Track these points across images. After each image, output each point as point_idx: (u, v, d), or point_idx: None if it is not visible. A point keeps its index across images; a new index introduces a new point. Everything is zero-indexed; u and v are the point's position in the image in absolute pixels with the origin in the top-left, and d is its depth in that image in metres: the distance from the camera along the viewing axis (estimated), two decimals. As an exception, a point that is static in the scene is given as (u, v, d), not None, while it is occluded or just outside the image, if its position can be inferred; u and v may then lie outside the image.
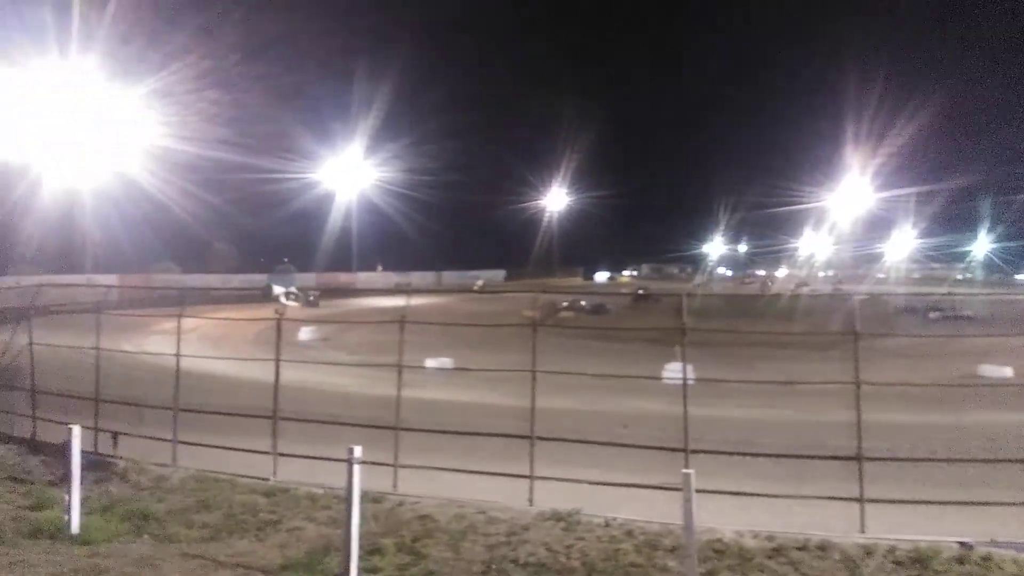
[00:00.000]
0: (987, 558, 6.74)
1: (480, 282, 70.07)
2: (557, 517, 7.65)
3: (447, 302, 43.76)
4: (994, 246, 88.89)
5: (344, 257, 65.02)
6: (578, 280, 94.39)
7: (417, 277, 71.47)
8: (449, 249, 78.98)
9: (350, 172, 61.46)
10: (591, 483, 8.14)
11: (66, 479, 7.22)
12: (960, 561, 6.67)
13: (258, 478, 9.04)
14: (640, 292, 44.29)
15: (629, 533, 7.28)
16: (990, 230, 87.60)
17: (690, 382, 15.34)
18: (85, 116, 32.00)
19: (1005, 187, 78.62)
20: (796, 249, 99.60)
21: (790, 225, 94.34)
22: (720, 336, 21.16)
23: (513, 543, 7.04)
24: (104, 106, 32.27)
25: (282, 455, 9.35)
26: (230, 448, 9.65)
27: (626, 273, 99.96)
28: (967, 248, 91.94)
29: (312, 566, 6.39)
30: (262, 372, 10.55)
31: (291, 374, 10.84)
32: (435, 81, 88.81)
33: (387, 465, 8.69)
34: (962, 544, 6.96)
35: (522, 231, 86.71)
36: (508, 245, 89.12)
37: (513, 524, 7.50)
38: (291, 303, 35.52)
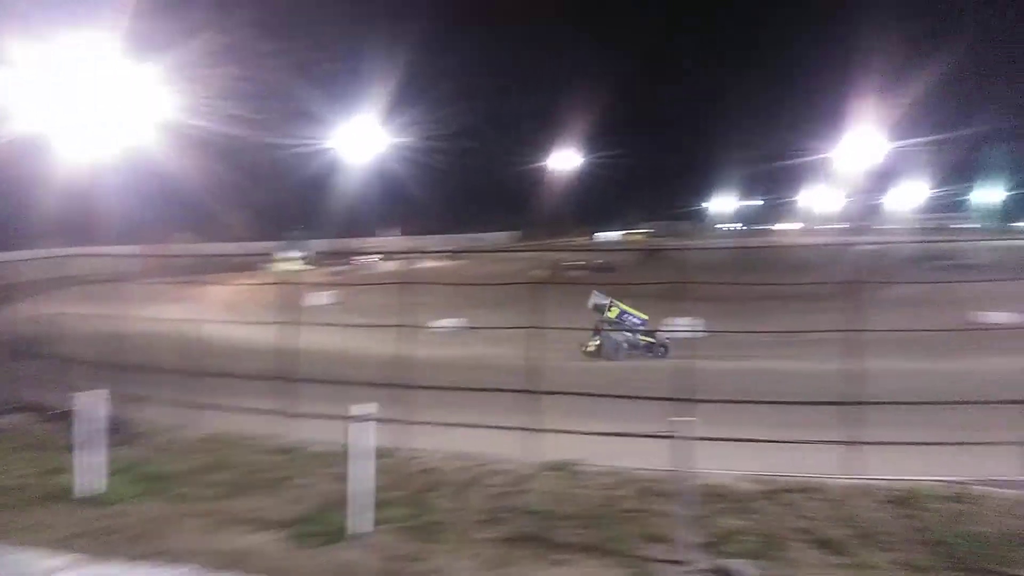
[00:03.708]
0: (975, 495, 6.99)
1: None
2: (560, 467, 7.96)
3: (461, 264, 44.05)
4: (1006, 194, 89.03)
5: (361, 222, 65.46)
6: (586, 239, 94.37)
7: (430, 240, 71.85)
8: (465, 212, 79.16)
9: (366, 138, 61.52)
10: (594, 434, 8.38)
11: (86, 444, 7.56)
12: (947, 499, 6.91)
13: (273, 437, 9.39)
14: (653, 248, 44.33)
15: (628, 481, 7.58)
16: (999, 179, 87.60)
17: (700, 335, 15.69)
18: (102, 89, 32.17)
19: (1007, 136, 78.14)
20: (806, 202, 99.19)
21: (803, 179, 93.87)
22: (728, 289, 21.39)
23: (515, 492, 7.36)
24: (120, 79, 32.40)
25: (297, 415, 9.68)
26: (247, 409, 9.98)
27: (638, 231, 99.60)
28: (975, 197, 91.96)
29: (323, 519, 6.73)
30: (278, 336, 10.88)
31: (307, 337, 11.14)
32: (449, 45, 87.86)
33: (396, 422, 8.98)
34: (951, 483, 7.21)
35: (536, 192, 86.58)
36: (523, 206, 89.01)
37: (516, 475, 7.82)
38: (303, 267, 35.92)
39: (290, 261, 36.37)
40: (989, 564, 5.66)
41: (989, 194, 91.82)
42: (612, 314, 17.64)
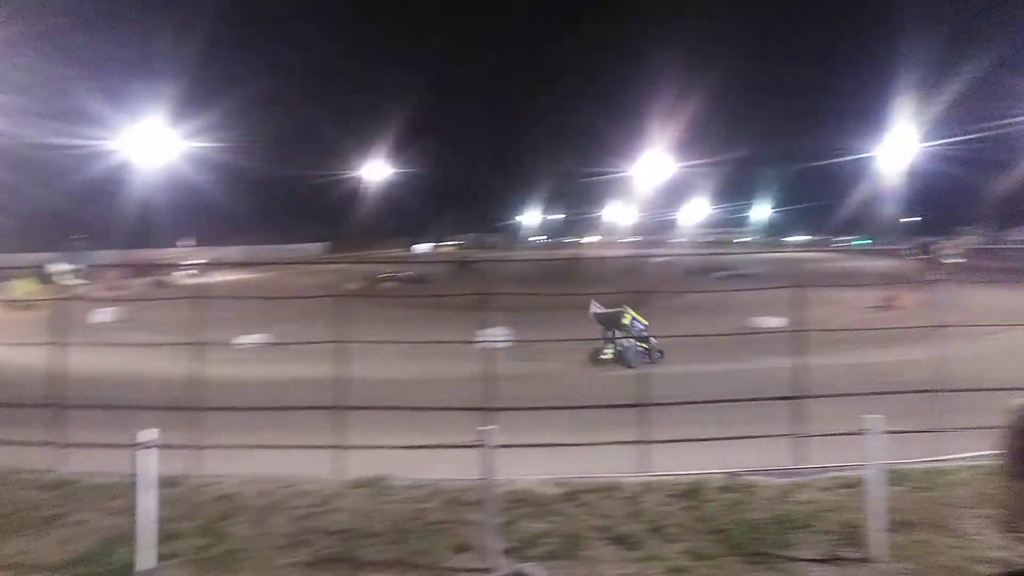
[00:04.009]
0: (749, 485, 7.69)
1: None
2: (366, 484, 7.79)
3: (267, 276, 42.10)
4: (771, 212, 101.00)
5: (149, 232, 60.51)
6: (399, 251, 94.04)
7: (232, 251, 67.97)
8: (268, 222, 75.73)
9: (159, 142, 56.86)
10: (398, 448, 8.32)
11: None
12: (726, 489, 7.55)
13: (38, 471, 8.39)
14: (463, 261, 44.86)
15: (436, 492, 7.58)
16: (767, 197, 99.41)
17: (507, 344, 16.09)
18: None
19: (776, 160, 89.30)
20: (605, 217, 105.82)
21: (600, 194, 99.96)
22: (538, 299, 22.12)
23: (320, 513, 7.10)
24: None
25: (69, 446, 8.73)
26: (11, 442, 8.85)
27: (449, 243, 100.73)
28: (748, 214, 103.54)
29: (100, 559, 6.10)
30: (49, 359, 9.72)
31: (85, 359, 10.10)
32: (251, 49, 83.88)
33: (186, 447, 8.38)
34: (728, 474, 7.88)
35: (345, 202, 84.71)
36: (331, 216, 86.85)
37: (321, 495, 7.55)
38: (75, 282, 32.35)
39: (58, 276, 32.36)
40: (764, 548, 6.22)
41: (763, 211, 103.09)
42: (626, 321, 17.75)
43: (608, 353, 17.54)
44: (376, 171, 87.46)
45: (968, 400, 8.63)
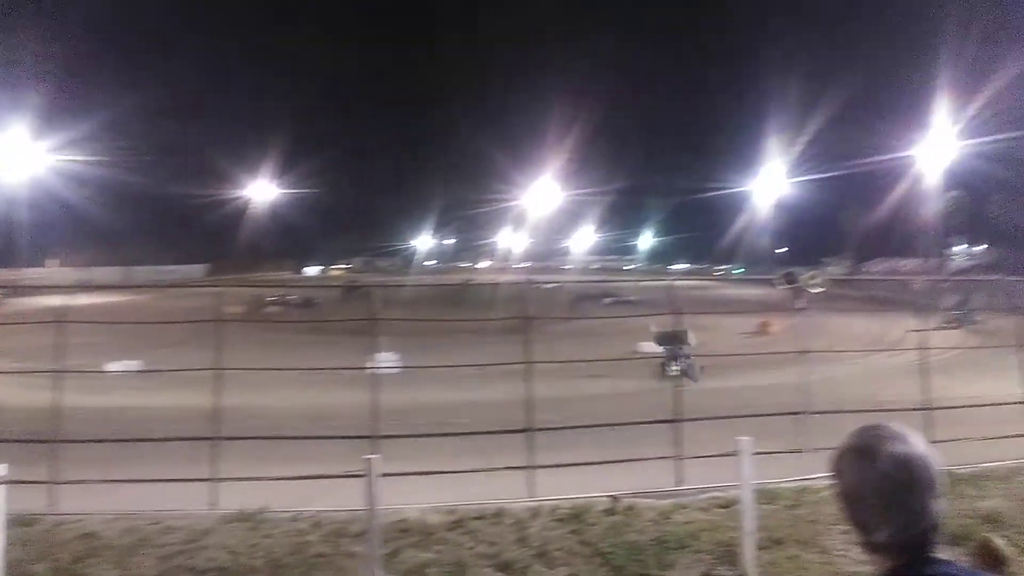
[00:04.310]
0: (631, 507, 7.86)
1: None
2: (242, 518, 7.43)
3: (142, 300, 39.88)
4: (655, 240, 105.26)
5: (11, 252, 56.24)
6: (287, 274, 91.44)
7: (105, 272, 64.03)
8: (145, 242, 71.89)
9: (17, 154, 52.93)
10: (277, 479, 8.01)
11: None
12: (609, 512, 7.69)
13: None
14: (351, 284, 44.10)
15: (317, 524, 7.32)
16: (652, 226, 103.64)
17: (396, 370, 15.88)
18: None
19: (659, 191, 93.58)
20: (496, 243, 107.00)
21: (491, 221, 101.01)
22: (428, 324, 21.99)
23: (191, 551, 6.70)
24: None
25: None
26: None
27: (338, 267, 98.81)
28: (634, 242, 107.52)
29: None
30: None
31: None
32: (131, 59, 79.93)
33: (42, 483, 7.77)
34: (611, 497, 8.03)
35: (229, 222, 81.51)
36: (213, 237, 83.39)
37: (193, 531, 7.13)
38: None
39: None
40: (645, 569, 6.35)
41: (648, 240, 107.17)
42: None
43: (675, 369, 17.79)
44: (263, 191, 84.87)
45: (831, 421, 9.18)
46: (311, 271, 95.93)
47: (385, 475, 6.17)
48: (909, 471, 1.55)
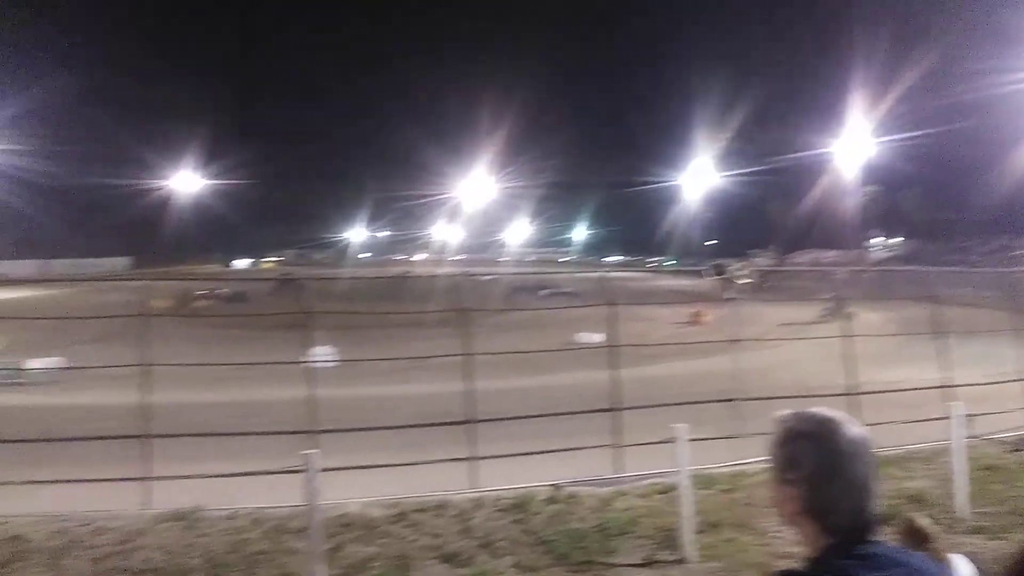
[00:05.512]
0: (573, 495, 7.98)
1: None
2: (177, 517, 7.24)
3: (63, 294, 38.22)
4: (589, 232, 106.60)
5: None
6: (216, 267, 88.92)
7: (22, 265, 61.11)
8: (63, 234, 68.72)
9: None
10: (214, 476, 7.85)
11: None
12: (551, 501, 7.79)
13: None
14: (284, 277, 43.21)
15: (256, 522, 7.19)
16: (586, 219, 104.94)
17: (332, 364, 15.66)
18: None
19: (592, 184, 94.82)
20: (431, 236, 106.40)
21: (426, 213, 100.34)
22: (364, 318, 21.73)
23: (125, 552, 6.50)
24: None
25: None
26: None
27: (270, 259, 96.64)
28: (569, 235, 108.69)
29: None
30: None
31: None
32: (48, 45, 76.07)
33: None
34: (553, 486, 8.14)
35: (153, 214, 78.57)
36: (134, 230, 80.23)
37: (126, 531, 6.92)
38: None
39: None
40: (588, 556, 6.46)
41: (582, 232, 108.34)
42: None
43: None
44: (188, 181, 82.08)
45: (761, 406, 9.50)
46: (241, 264, 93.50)
47: (325, 470, 6.09)
48: (866, 452, 1.63)
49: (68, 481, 7.70)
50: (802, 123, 57.95)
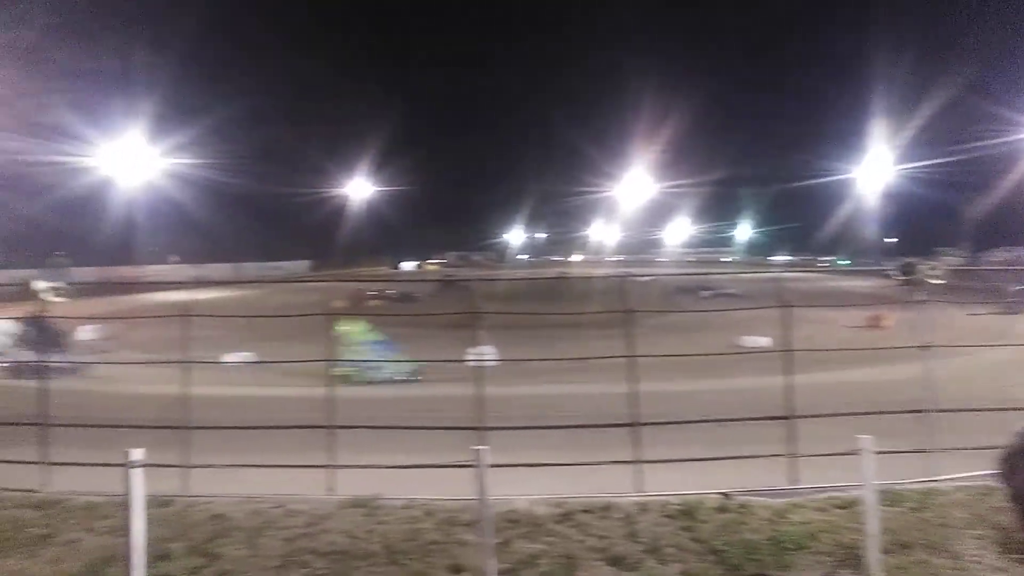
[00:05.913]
0: (744, 505, 7.68)
1: None
2: (358, 504, 7.70)
3: (251, 295, 41.84)
4: (753, 232, 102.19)
5: (131, 249, 60.24)
6: (385, 269, 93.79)
7: (217, 269, 67.65)
8: (250, 240, 75.40)
9: (136, 158, 56.42)
10: (392, 467, 8.24)
11: None
12: (722, 509, 7.54)
13: (26, 491, 8.24)
14: (448, 279, 44.79)
15: (429, 512, 7.50)
16: (750, 217, 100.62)
17: (494, 363, 16.06)
18: None
19: (757, 181, 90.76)
20: (588, 237, 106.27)
21: (583, 214, 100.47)
22: (524, 318, 22.11)
23: (313, 533, 7.01)
24: None
25: (55, 464, 8.59)
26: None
27: (433, 261, 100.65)
28: (732, 234, 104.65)
29: (93, 578, 5.99)
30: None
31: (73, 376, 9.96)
32: (235, 66, 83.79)
33: (175, 467, 8.27)
34: (723, 494, 7.87)
35: (329, 220, 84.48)
36: (313, 235, 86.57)
37: (313, 515, 7.46)
38: (58, 299, 31.95)
39: (42, 293, 31.86)
40: (763, 569, 6.19)
41: (746, 231, 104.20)
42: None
43: None
44: (360, 189, 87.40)
45: (955, 420, 8.70)
46: (407, 266, 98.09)
47: (493, 466, 6.22)
48: None
49: (265, 466, 8.35)
50: (992, 109, 52.44)
